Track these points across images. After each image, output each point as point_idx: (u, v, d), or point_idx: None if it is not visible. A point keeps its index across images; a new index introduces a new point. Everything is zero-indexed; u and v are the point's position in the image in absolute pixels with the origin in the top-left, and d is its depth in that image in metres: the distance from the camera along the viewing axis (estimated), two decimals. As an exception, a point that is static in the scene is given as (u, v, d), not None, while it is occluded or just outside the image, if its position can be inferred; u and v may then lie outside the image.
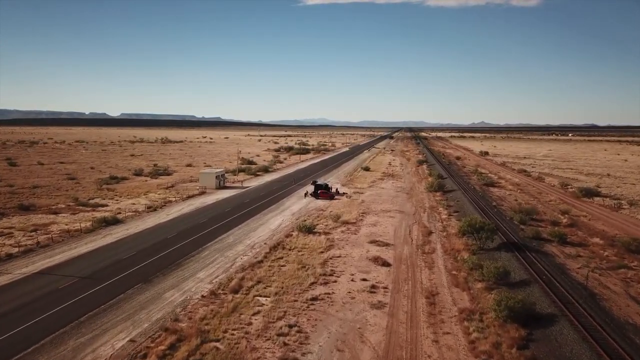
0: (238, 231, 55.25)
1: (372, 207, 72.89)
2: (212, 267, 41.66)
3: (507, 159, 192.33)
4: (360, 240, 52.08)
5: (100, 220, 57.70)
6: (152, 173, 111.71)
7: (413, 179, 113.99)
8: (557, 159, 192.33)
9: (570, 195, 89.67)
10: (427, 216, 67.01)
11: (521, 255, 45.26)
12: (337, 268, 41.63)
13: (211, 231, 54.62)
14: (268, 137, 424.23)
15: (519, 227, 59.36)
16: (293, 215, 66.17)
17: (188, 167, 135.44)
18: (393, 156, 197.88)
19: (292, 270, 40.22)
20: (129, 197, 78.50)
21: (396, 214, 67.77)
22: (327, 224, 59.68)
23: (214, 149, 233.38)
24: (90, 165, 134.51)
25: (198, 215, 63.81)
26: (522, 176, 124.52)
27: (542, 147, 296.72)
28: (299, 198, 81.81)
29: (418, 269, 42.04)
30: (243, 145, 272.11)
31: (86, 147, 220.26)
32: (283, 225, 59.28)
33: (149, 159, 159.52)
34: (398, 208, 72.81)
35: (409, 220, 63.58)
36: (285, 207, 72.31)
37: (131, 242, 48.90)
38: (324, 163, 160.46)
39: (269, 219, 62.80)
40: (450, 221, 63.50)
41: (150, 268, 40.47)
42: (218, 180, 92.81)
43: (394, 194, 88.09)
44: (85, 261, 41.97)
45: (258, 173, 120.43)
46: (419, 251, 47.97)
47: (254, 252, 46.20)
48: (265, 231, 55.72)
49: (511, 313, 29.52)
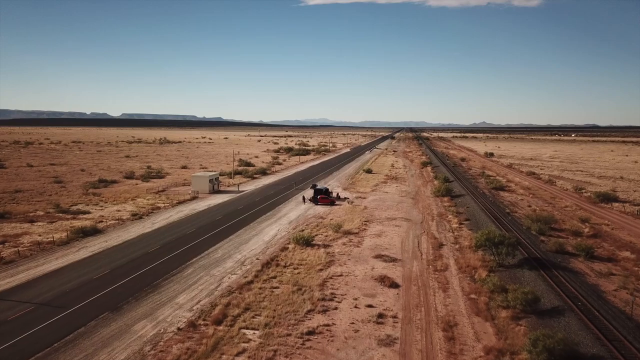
0: (228, 243, 49.87)
1: (375, 214, 67.51)
2: (195, 288, 36.30)
3: (513, 160, 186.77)
4: (364, 254, 46.69)
5: (78, 230, 52.44)
6: (144, 176, 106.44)
7: (418, 182, 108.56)
8: (565, 161, 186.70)
9: (586, 201, 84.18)
10: (436, 225, 61.60)
11: (547, 273, 39.86)
12: (338, 290, 36.26)
13: (198, 243, 49.27)
14: (268, 138, 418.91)
15: (538, 238, 53.95)
16: (290, 223, 60.80)
17: (183, 169, 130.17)
18: (396, 157, 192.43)
19: (286, 294, 34.86)
20: (115, 203, 73.20)
21: (402, 223, 62.37)
22: (327, 234, 54.30)
23: (212, 149, 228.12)
24: (81, 167, 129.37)
25: (186, 224, 58.47)
26: (531, 179, 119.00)
27: (547, 148, 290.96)
28: (297, 203, 76.44)
29: (431, 291, 36.65)
30: (242, 146, 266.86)
31: (81, 148, 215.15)
32: (278, 236, 53.90)
33: (144, 161, 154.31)
34: (404, 215, 67.40)
35: (416, 230, 58.19)
36: (282, 214, 66.94)
37: (107, 258, 43.57)
38: (325, 165, 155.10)
39: (263, 229, 57.43)
40: (462, 231, 58.09)
41: (123, 291, 35.13)
42: (212, 184, 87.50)
43: (398, 199, 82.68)
44: (49, 282, 36.64)
45: (255, 176, 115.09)
46: (430, 268, 42.57)
47: (244, 270, 40.84)
48: (259, 243, 50.33)
49: (551, 357, 24.13)
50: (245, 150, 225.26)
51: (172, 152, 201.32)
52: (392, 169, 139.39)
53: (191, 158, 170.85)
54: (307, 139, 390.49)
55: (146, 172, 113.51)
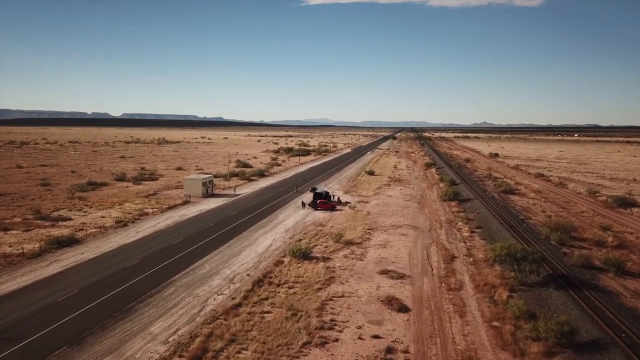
0: (217, 256, 45.01)
1: (379, 221, 62.63)
2: (174, 313, 31.48)
3: (519, 161, 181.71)
4: (368, 269, 41.82)
5: (53, 240, 47.64)
6: (136, 178, 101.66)
7: (423, 185, 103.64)
8: (572, 162, 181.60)
9: (602, 205, 79.18)
10: (446, 233, 56.71)
11: (577, 294, 34.99)
12: (339, 316, 31.41)
13: (184, 256, 44.42)
14: (268, 138, 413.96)
15: (559, 249, 49.05)
16: (287, 232, 55.93)
17: (178, 170, 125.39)
18: (398, 158, 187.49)
19: (278, 321, 30.01)
20: (100, 208, 68.41)
21: (409, 231, 57.48)
22: (327, 245, 49.41)
23: (210, 150, 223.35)
24: (73, 168, 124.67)
25: (173, 233, 53.64)
26: (541, 181, 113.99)
27: (552, 149, 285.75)
28: (295, 209, 71.57)
29: (446, 316, 31.78)
30: (241, 146, 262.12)
31: (77, 149, 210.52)
32: (273, 247, 49.02)
33: (139, 162, 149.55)
34: (410, 222, 62.51)
35: (424, 239, 53.30)
36: (279, 221, 62.07)
37: (79, 274, 38.78)
38: (325, 166, 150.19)
39: (257, 238, 52.54)
40: (474, 241, 53.19)
41: (89, 317, 30.32)
42: (205, 188, 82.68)
43: (403, 204, 77.78)
44: (6, 306, 31.82)
45: (253, 178, 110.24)
46: (443, 286, 37.69)
47: (232, 290, 35.99)
48: (251, 256, 45.46)
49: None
50: (244, 151, 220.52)
51: (169, 153, 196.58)
52: (395, 171, 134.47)
53: (188, 159, 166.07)
54: (308, 139, 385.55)
55: (139, 174, 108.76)
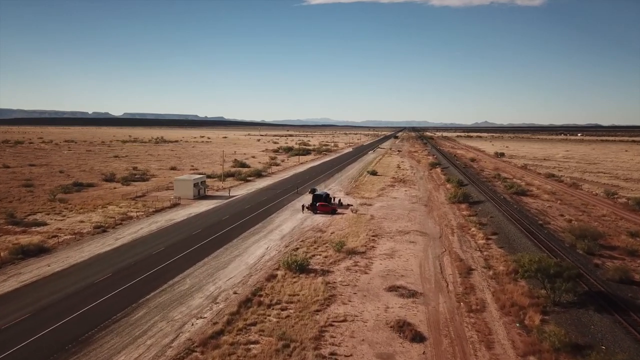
0: (202, 269, 39.52)
1: (384, 226, 57.13)
2: (141, 345, 26.00)
3: (526, 160, 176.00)
4: (374, 284, 36.31)
5: (18, 250, 42.23)
6: (126, 179, 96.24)
7: (428, 186, 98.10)
8: (581, 161, 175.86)
9: (623, 208, 73.54)
10: (458, 240, 51.18)
11: (624, 318, 29.46)
12: (340, 347, 25.92)
13: (164, 269, 38.97)
14: (268, 137, 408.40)
15: (589, 260, 43.50)
16: (282, 239, 50.41)
17: (172, 170, 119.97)
18: (401, 158, 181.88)
19: (267, 355, 24.53)
20: (81, 211, 63.00)
21: (417, 237, 51.96)
22: (327, 255, 43.89)
23: (207, 149, 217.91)
24: (62, 168, 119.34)
25: (156, 241, 48.17)
26: (553, 182, 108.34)
27: (558, 148, 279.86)
28: (293, 212, 66.09)
29: (470, 348, 26.27)
30: (240, 146, 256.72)
31: (71, 148, 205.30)
32: (266, 257, 43.52)
33: (132, 161, 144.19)
34: (418, 228, 57.00)
35: (435, 248, 47.79)
36: (274, 227, 56.57)
37: (38, 291, 33.33)
38: (326, 166, 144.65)
39: (249, 247, 47.03)
40: (491, 249, 47.64)
41: (36, 350, 24.85)
42: (197, 189, 77.21)
43: (409, 206, 72.26)
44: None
45: (249, 178, 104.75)
46: (463, 307, 32.16)
47: (215, 312, 30.51)
48: (240, 268, 39.97)
49: None
50: (242, 150, 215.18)
51: (165, 152, 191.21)
52: (398, 171, 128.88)
53: (183, 158, 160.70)
54: (308, 139, 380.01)
55: (129, 174, 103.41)
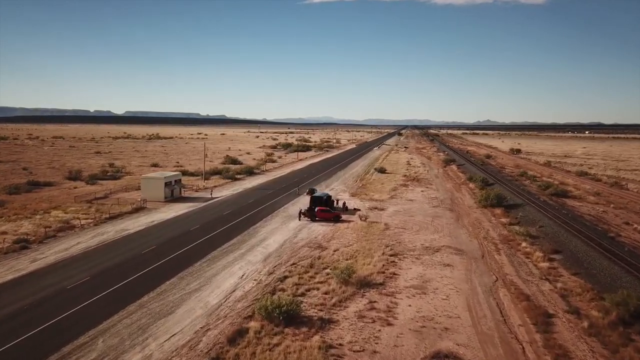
0: (133, 317, 25.36)
1: (405, 240, 42.98)
2: None
3: (545, 157, 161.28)
4: (406, 351, 22.15)
5: None
6: (93, 177, 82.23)
7: (447, 185, 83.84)
8: (607, 158, 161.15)
9: (696, 214, 59.16)
10: (510, 262, 37.00)
11: None
12: None
13: (68, 319, 24.84)
14: (268, 134, 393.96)
15: None
16: (266, 261, 36.22)
17: (153, 167, 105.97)
18: (409, 154, 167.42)
19: None
20: (13, 218, 48.91)
21: (452, 257, 37.79)
22: (328, 289, 29.71)
23: (200, 145, 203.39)
24: (31, 165, 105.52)
25: (86, 264, 34.09)
26: (589, 181, 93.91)
27: (572, 145, 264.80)
28: (285, 220, 51.94)
29: None
30: (237, 142, 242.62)
31: (54, 144, 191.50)
32: (238, 293, 29.36)
33: (114, 157, 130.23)
34: (450, 242, 42.81)
35: (482, 274, 33.64)
36: (258, 241, 42.38)
37: None
38: (327, 163, 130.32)
39: (215, 274, 32.86)
40: (562, 277, 33.45)
41: None
42: (170, 189, 63.17)
43: (431, 211, 58.08)
44: None
45: (239, 176, 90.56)
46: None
47: None
48: (194, 315, 25.84)
49: None
50: (239, 146, 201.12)
51: (155, 149, 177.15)
52: (409, 168, 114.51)
53: (172, 155, 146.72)
54: (309, 136, 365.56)
55: (101, 172, 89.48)
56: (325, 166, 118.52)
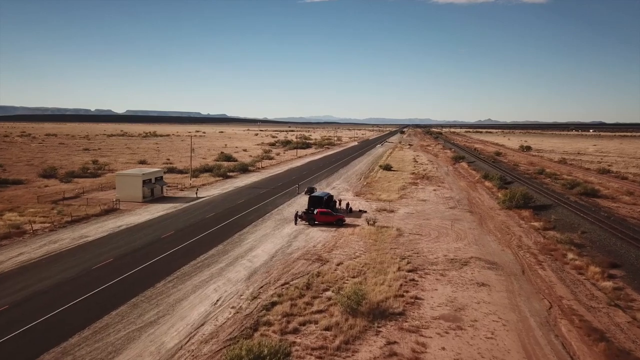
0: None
1: (423, 250, 35.15)
2: None
3: (557, 155, 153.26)
4: None
5: None
6: (70, 174, 74.54)
7: (461, 184, 75.97)
8: (623, 155, 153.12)
9: None
10: (559, 279, 29.17)
11: None
12: None
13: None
14: (267, 132, 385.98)
15: None
16: (250, 280, 28.37)
17: (140, 164, 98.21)
18: (414, 151, 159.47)
19: None
20: (-44, 223, 41.21)
21: (486, 273, 29.94)
22: (330, 323, 21.86)
23: (195, 143, 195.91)
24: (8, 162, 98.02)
25: (19, 283, 26.31)
26: (612, 179, 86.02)
27: (581, 143, 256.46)
28: (278, 224, 44.11)
29: None
30: (234, 139, 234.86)
31: (43, 141, 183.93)
32: (207, 328, 21.52)
33: (100, 155, 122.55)
34: (478, 252, 34.95)
35: (529, 298, 25.82)
36: (243, 252, 34.51)
37: None
38: (328, 160, 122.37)
39: (182, 299, 25.02)
40: (637, 301, 25.63)
41: None
42: (149, 188, 55.45)
43: (448, 214, 50.23)
44: None
45: (231, 174, 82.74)
46: None
47: None
48: (136, 368, 18.06)
49: None
50: (236, 144, 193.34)
51: (148, 146, 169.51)
52: (417, 165, 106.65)
53: (164, 152, 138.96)
54: (310, 133, 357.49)
55: (81, 169, 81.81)
56: (326, 163, 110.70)
